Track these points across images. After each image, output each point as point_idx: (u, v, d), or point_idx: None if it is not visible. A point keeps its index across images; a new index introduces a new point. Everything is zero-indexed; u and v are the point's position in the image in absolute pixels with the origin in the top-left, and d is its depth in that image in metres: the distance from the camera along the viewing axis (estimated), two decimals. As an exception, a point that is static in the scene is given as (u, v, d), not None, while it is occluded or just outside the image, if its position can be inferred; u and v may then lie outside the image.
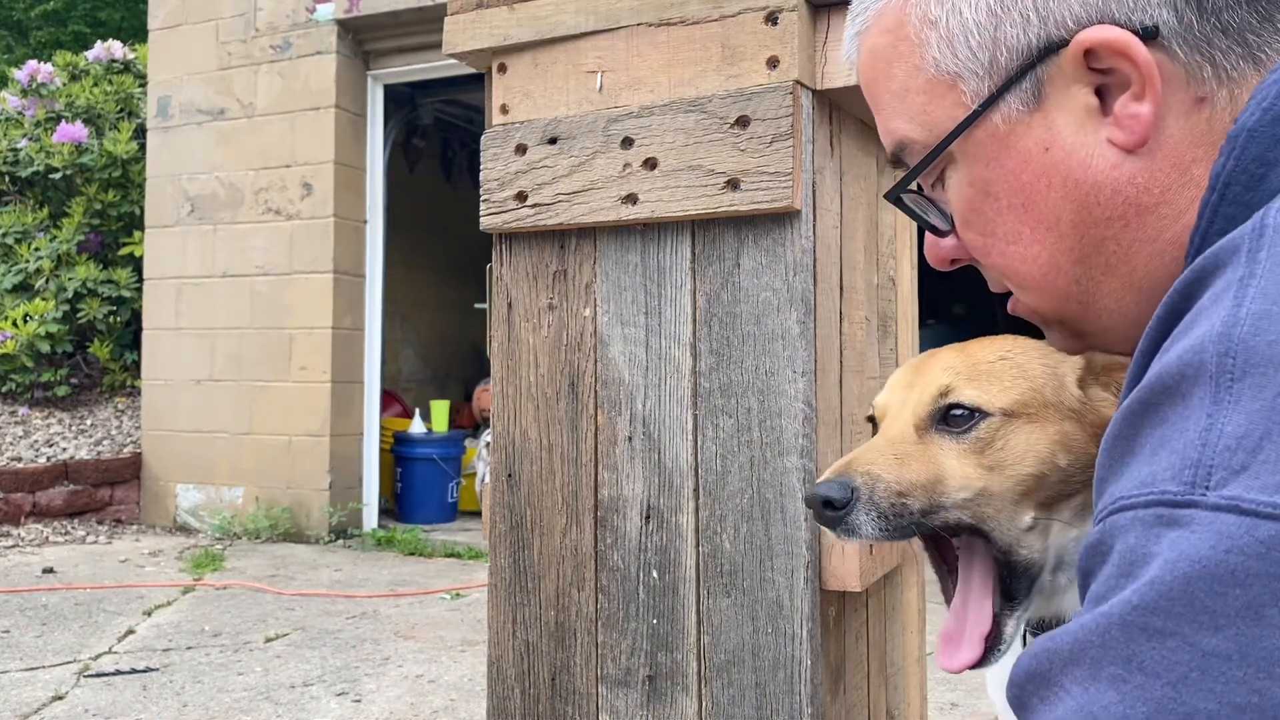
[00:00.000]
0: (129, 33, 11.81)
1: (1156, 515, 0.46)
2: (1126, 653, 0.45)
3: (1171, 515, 0.45)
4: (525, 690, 1.15)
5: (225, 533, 5.42)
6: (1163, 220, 0.61)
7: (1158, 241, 0.61)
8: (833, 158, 1.12)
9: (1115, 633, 0.45)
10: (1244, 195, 0.55)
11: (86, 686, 2.97)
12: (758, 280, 1.04)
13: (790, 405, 1.02)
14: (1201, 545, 0.43)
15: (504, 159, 1.17)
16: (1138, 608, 0.44)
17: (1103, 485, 0.52)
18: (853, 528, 0.81)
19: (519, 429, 1.17)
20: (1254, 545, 0.42)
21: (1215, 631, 0.42)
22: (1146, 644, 0.44)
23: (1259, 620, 0.41)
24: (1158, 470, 0.47)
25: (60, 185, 6.44)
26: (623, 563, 1.10)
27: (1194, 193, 0.60)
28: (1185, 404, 0.47)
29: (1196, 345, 0.48)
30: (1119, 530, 0.48)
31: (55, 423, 5.91)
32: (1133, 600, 0.45)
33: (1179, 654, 0.43)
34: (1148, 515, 0.46)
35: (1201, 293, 0.51)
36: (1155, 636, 0.44)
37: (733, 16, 1.05)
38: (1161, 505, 0.46)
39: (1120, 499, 0.49)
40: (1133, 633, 0.44)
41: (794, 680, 1.01)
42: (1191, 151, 0.60)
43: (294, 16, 5.49)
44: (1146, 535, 0.46)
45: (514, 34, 1.16)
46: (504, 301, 1.19)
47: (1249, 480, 0.43)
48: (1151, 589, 0.44)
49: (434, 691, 2.96)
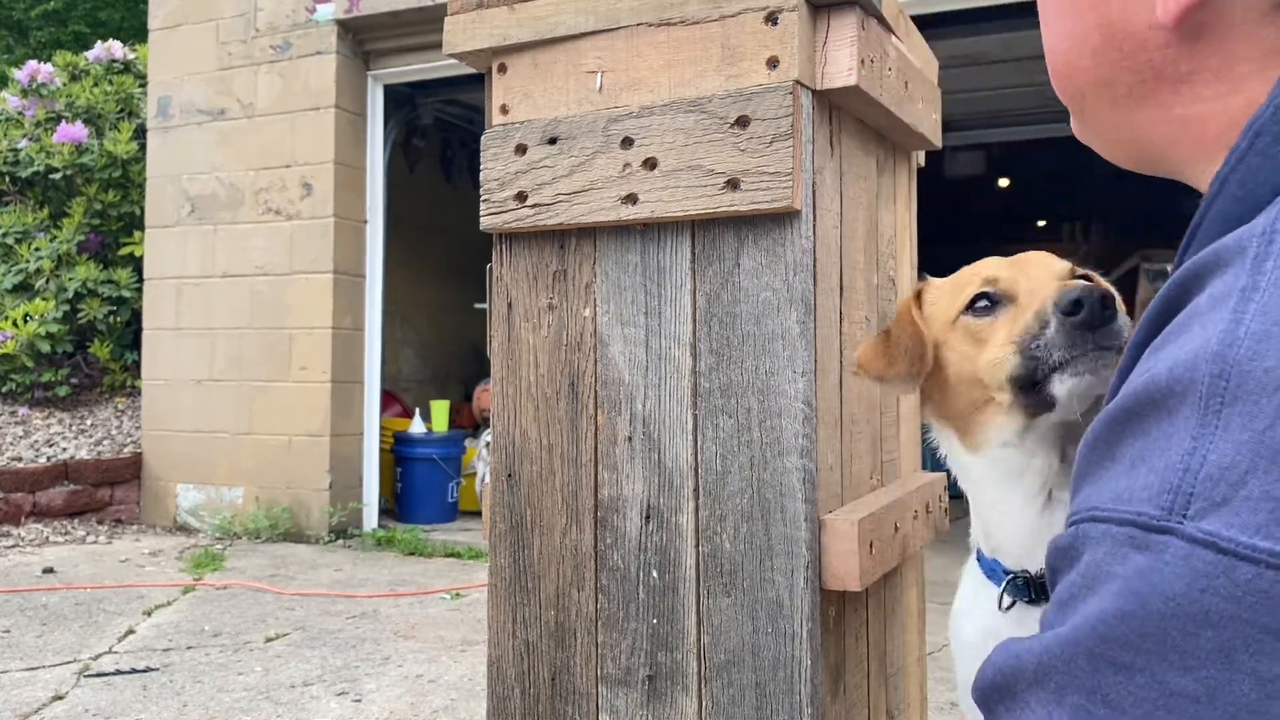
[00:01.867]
0: (129, 33, 11.81)
1: (1128, 535, 0.45)
2: (1091, 684, 0.44)
3: (1144, 539, 0.44)
4: (525, 690, 1.16)
5: (225, 533, 5.42)
6: (1180, 98, 0.58)
7: (1166, 111, 0.59)
8: (833, 158, 1.12)
9: (1082, 662, 0.45)
10: (1273, 147, 0.51)
11: (86, 686, 2.97)
12: (758, 280, 1.05)
13: (790, 405, 1.02)
14: (1176, 582, 0.42)
15: (504, 159, 1.17)
16: (1106, 639, 0.44)
17: (1080, 483, 0.51)
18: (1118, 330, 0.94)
19: (519, 429, 1.17)
20: (1230, 587, 0.41)
21: (1185, 672, 0.41)
22: (1113, 677, 0.43)
23: (1230, 665, 0.41)
24: (1135, 487, 0.46)
25: (60, 185, 6.45)
26: (623, 563, 1.10)
27: (1235, 102, 0.56)
28: (1170, 421, 0.46)
29: (1189, 359, 0.46)
30: (1089, 541, 0.47)
31: (55, 423, 5.91)
32: (1100, 630, 0.44)
33: (1146, 691, 0.42)
34: (1119, 533, 0.45)
35: (1199, 291, 0.49)
36: (1123, 671, 0.43)
37: (733, 16, 1.05)
38: (1135, 526, 0.45)
39: (1095, 509, 0.48)
40: (1099, 664, 0.44)
41: (794, 680, 1.01)
42: (1248, 56, 0.55)
43: (294, 16, 5.49)
44: (1114, 553, 0.45)
45: (514, 34, 1.16)
46: (504, 301, 1.19)
47: (1229, 516, 0.42)
48: (1122, 621, 0.43)
49: (434, 691, 2.96)
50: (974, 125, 6.78)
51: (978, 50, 5.28)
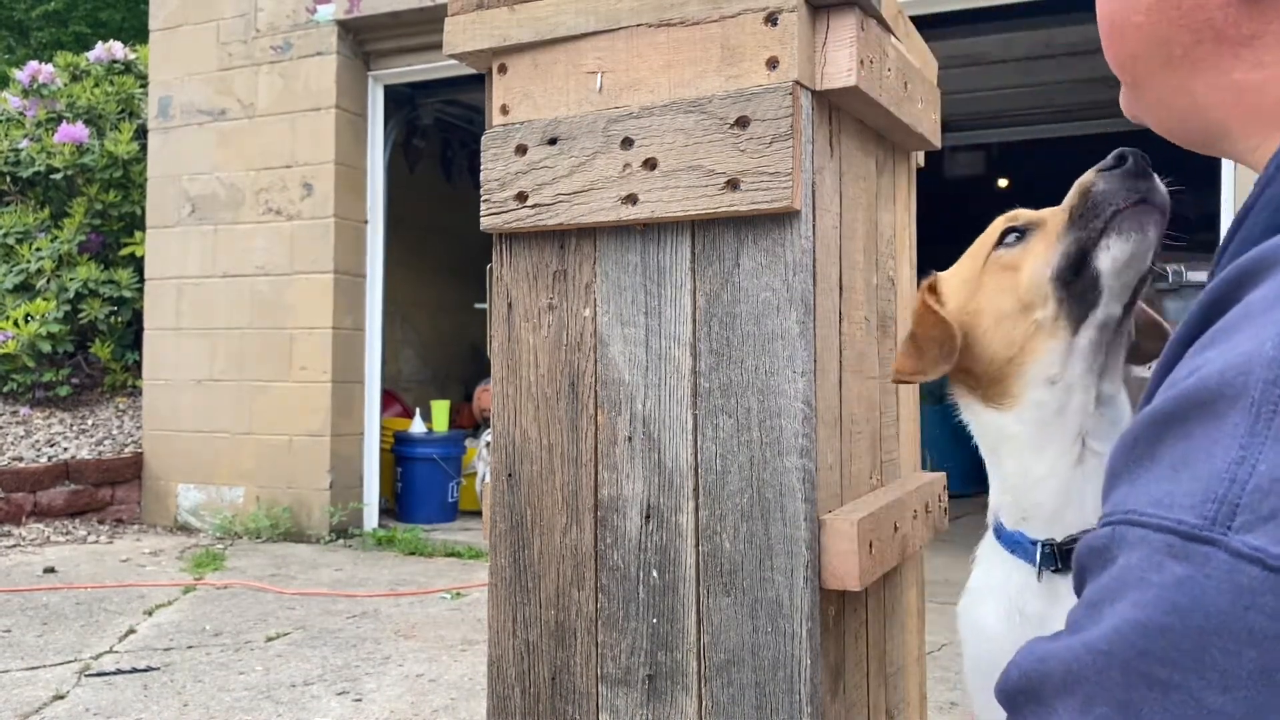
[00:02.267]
0: (130, 33, 11.82)
1: (1167, 543, 0.43)
2: (1124, 697, 0.42)
3: (1184, 549, 0.42)
4: (525, 689, 1.16)
5: (226, 532, 5.42)
6: (1240, 62, 0.55)
7: (1224, 76, 0.56)
8: (832, 158, 1.12)
9: (1115, 674, 0.43)
10: None
11: (87, 686, 2.97)
12: (758, 280, 1.05)
13: (790, 405, 1.03)
14: (1219, 597, 0.40)
15: (504, 159, 1.17)
16: (1141, 652, 0.42)
17: (1115, 481, 0.49)
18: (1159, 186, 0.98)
19: (519, 429, 1.17)
20: (1277, 606, 0.39)
21: (1224, 691, 0.40)
22: (1148, 692, 0.42)
23: (1272, 686, 0.39)
24: (1176, 493, 0.44)
25: (61, 185, 6.45)
26: (623, 562, 1.10)
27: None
28: (1218, 426, 0.44)
29: (1242, 362, 0.43)
30: (1125, 544, 0.45)
31: (56, 422, 5.91)
32: (1135, 642, 0.42)
33: (1182, 709, 0.41)
34: (1158, 540, 0.43)
35: (1253, 287, 0.47)
36: (1158, 686, 0.41)
37: (732, 17, 1.05)
38: (1175, 534, 0.43)
39: (1132, 511, 0.46)
40: (1133, 678, 0.42)
41: (793, 679, 1.01)
42: None
43: (294, 17, 5.49)
44: (1151, 561, 0.43)
45: (514, 34, 1.16)
46: (504, 301, 1.19)
47: (1276, 531, 0.40)
48: (1161, 635, 0.41)
49: (434, 691, 2.96)
50: (974, 125, 6.78)
51: (978, 50, 5.28)
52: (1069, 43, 5.23)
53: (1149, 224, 0.98)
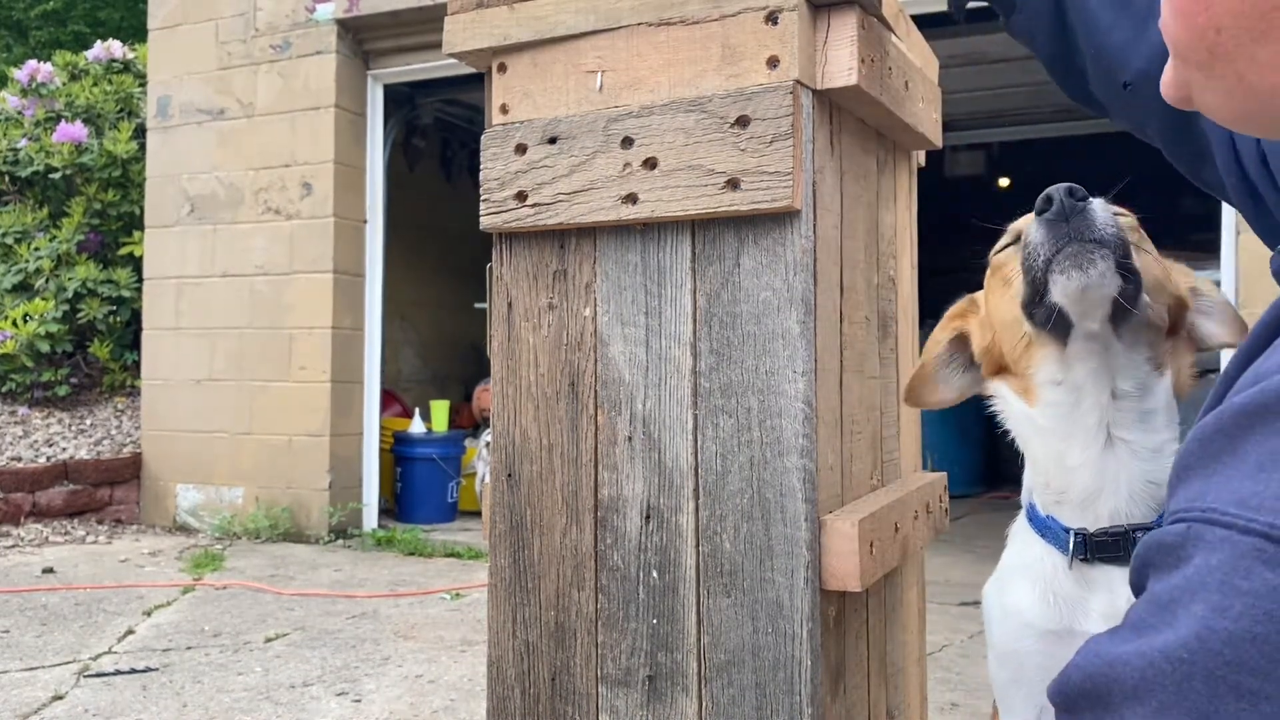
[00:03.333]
0: (129, 32, 11.81)
1: (1256, 547, 0.41)
2: (1207, 708, 0.41)
3: (1276, 554, 0.40)
4: (525, 690, 1.15)
5: (225, 533, 5.41)
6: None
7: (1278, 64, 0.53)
8: (833, 157, 1.12)
9: (1198, 684, 0.41)
10: None
11: (86, 686, 2.97)
12: (758, 280, 1.04)
13: (790, 405, 1.02)
14: None
15: (504, 159, 1.17)
16: (1229, 662, 0.40)
17: (1187, 475, 0.47)
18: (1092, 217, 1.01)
19: (519, 429, 1.17)
20: None
21: None
22: (1234, 703, 0.40)
23: None
24: (1265, 494, 0.42)
25: (60, 185, 6.44)
26: (623, 563, 1.10)
27: None
28: None
29: None
30: (1204, 544, 0.43)
31: (55, 422, 5.91)
32: (1222, 651, 0.41)
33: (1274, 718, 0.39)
34: (1245, 544, 0.42)
35: None
36: (1246, 697, 0.40)
37: (733, 16, 1.05)
38: (1266, 539, 0.41)
39: (1213, 510, 0.43)
40: (1219, 687, 0.40)
41: (794, 680, 1.01)
42: None
43: (294, 16, 5.49)
44: (1238, 567, 0.41)
45: (514, 34, 1.16)
46: (504, 301, 1.19)
47: None
48: (1252, 645, 0.40)
49: (434, 691, 2.96)
50: (974, 125, 6.78)
51: (978, 49, 5.27)
52: (1069, 42, 5.22)
53: (1087, 260, 0.99)
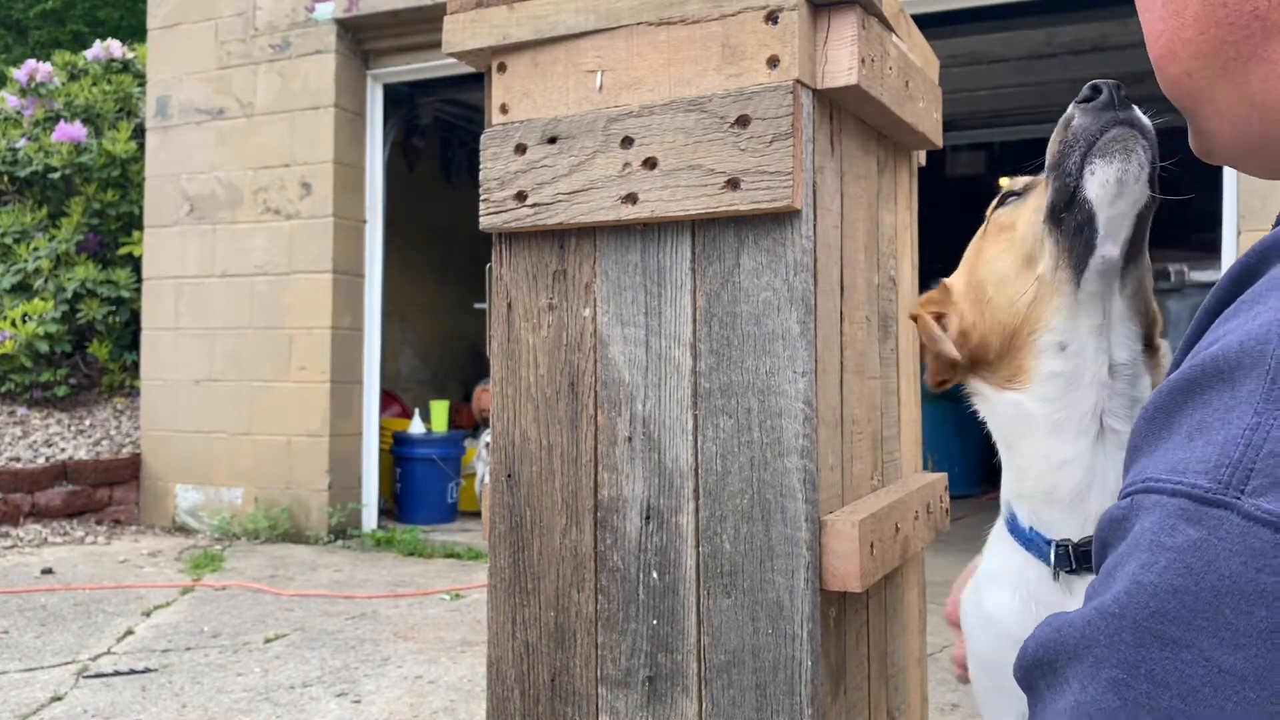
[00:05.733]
0: (128, 32, 11.81)
1: (1180, 507, 0.44)
2: (1134, 657, 0.43)
3: (1197, 512, 0.43)
4: (525, 691, 1.15)
5: (224, 533, 5.41)
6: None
7: (1275, 66, 0.56)
8: (833, 157, 1.12)
9: (1126, 635, 0.44)
10: None
11: (85, 687, 2.96)
12: (758, 280, 1.04)
13: (790, 405, 1.02)
14: (1232, 559, 0.42)
15: (503, 158, 1.16)
16: (1154, 614, 0.43)
17: (1135, 455, 0.50)
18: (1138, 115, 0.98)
19: (518, 429, 1.17)
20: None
21: (1235, 650, 0.41)
22: (1159, 652, 0.43)
23: None
24: (1191, 459, 0.45)
25: (59, 185, 6.44)
26: (622, 563, 1.10)
27: None
28: (1233, 393, 0.45)
29: (1261, 332, 0.45)
30: (1141, 511, 0.46)
31: (54, 423, 5.90)
32: (1148, 604, 0.43)
33: (1193, 668, 0.42)
34: (1171, 505, 0.44)
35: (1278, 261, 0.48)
36: (1169, 646, 0.42)
37: (733, 16, 1.05)
38: (1189, 498, 0.44)
39: (1149, 479, 0.47)
40: (1145, 638, 0.43)
41: (794, 681, 1.01)
42: None
43: (293, 16, 5.48)
44: (1164, 525, 0.44)
45: (514, 33, 1.16)
46: (503, 301, 1.18)
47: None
48: (1173, 596, 0.43)
49: (433, 692, 2.95)
50: (975, 124, 6.78)
51: (979, 49, 5.27)
52: (1069, 42, 5.23)
53: (1133, 145, 0.96)
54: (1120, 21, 4.71)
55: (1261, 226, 3.66)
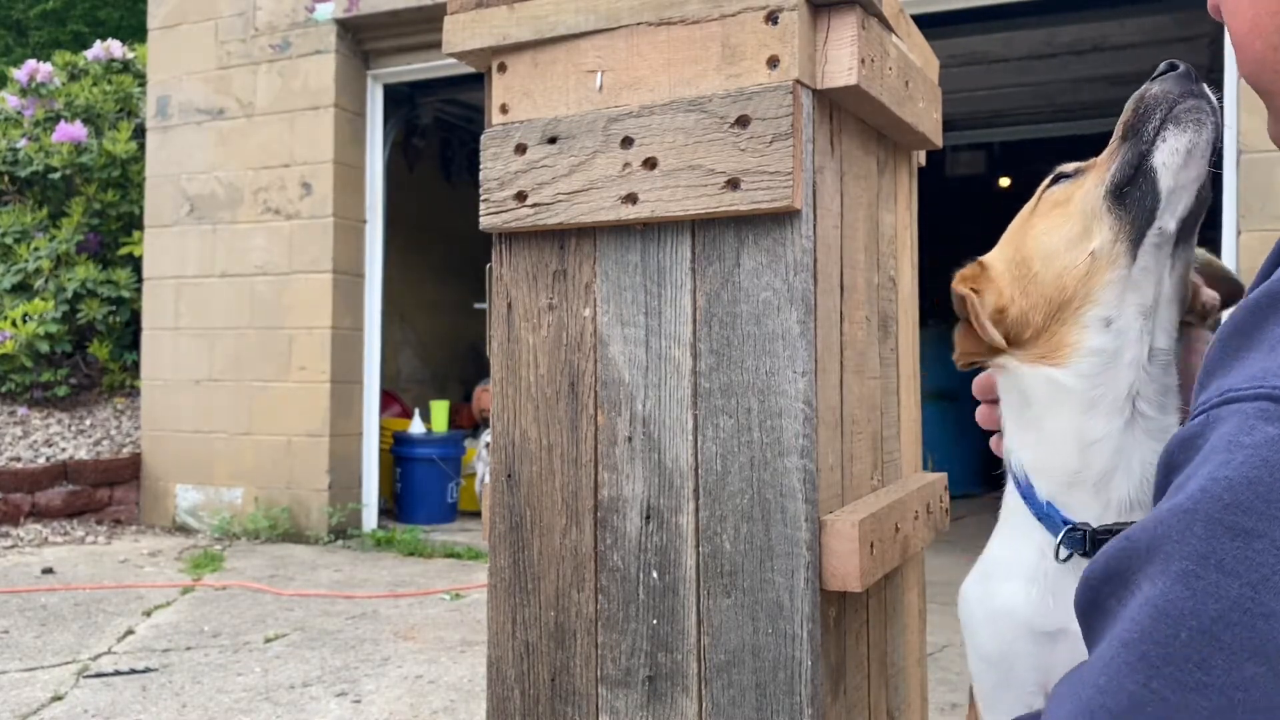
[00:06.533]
0: (128, 32, 11.81)
1: (1260, 409, 0.44)
2: (1205, 549, 0.43)
3: (1277, 411, 0.43)
4: (525, 691, 1.15)
5: (224, 533, 5.41)
6: None
7: None
8: (833, 157, 1.12)
9: (1198, 529, 0.43)
10: None
11: (86, 687, 2.97)
12: (758, 280, 1.04)
13: (791, 405, 1.02)
14: None
15: (504, 158, 1.16)
16: (1227, 506, 0.43)
17: (1209, 378, 0.49)
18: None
19: (519, 429, 1.17)
20: None
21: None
22: (1230, 543, 0.42)
23: None
24: (1273, 366, 0.45)
25: (59, 185, 6.44)
26: (623, 563, 1.10)
27: None
28: None
29: None
30: (1218, 422, 0.46)
31: (54, 423, 5.90)
32: (1222, 497, 0.43)
33: (1265, 555, 0.41)
34: (1251, 408, 0.44)
35: None
36: (1240, 536, 0.42)
37: (733, 16, 1.05)
38: (1269, 400, 0.44)
39: (1228, 391, 0.46)
40: (1216, 530, 0.43)
41: (794, 681, 1.01)
42: None
43: (293, 16, 5.48)
44: (1244, 425, 0.44)
45: (514, 33, 1.16)
46: (504, 301, 1.19)
47: None
48: (1248, 488, 0.42)
49: (434, 692, 2.95)
50: (975, 124, 6.78)
51: (979, 49, 5.27)
52: (1069, 42, 5.23)
53: (1205, 119, 0.96)
54: (1120, 21, 4.71)
55: (1262, 226, 3.66)
